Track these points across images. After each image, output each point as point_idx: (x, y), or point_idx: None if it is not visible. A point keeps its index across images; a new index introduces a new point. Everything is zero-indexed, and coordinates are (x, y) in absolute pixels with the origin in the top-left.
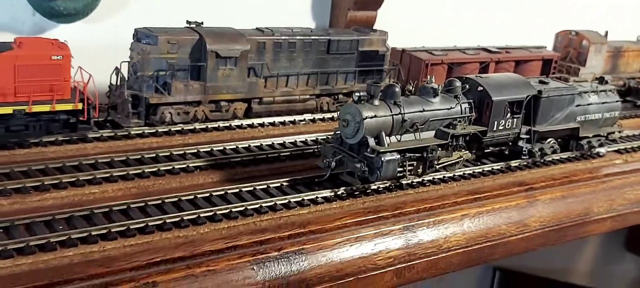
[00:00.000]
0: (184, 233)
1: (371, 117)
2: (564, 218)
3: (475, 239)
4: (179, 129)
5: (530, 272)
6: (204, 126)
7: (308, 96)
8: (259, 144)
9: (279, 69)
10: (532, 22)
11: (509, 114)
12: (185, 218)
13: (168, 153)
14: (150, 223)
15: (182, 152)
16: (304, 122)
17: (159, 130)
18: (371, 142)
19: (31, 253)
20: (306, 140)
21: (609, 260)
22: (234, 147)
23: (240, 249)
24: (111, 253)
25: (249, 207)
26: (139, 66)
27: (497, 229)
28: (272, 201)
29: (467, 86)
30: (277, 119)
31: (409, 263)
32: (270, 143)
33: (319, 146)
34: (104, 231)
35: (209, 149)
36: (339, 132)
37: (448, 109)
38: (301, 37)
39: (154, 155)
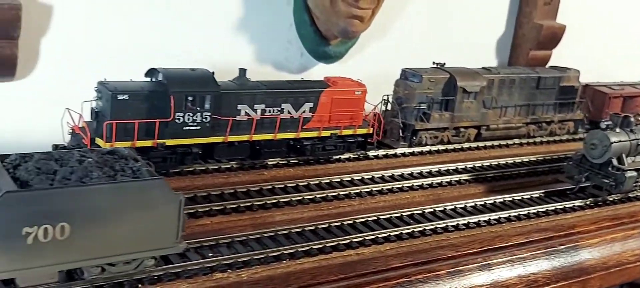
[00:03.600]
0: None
1: (616, 142)
2: None
3: None
4: (429, 149)
5: None
6: (444, 147)
7: (521, 124)
8: (490, 163)
9: (501, 101)
10: None
11: None
12: (480, 220)
13: (428, 170)
14: (439, 227)
15: (438, 169)
16: (514, 146)
17: (415, 150)
18: (615, 161)
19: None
20: (521, 160)
21: None
22: (478, 165)
23: (535, 243)
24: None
25: (521, 213)
26: (404, 99)
27: None
28: (540, 208)
29: None
30: (495, 143)
31: None
32: (504, 162)
33: (567, 164)
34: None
35: (464, 166)
36: (580, 153)
37: None
38: (519, 75)
39: (419, 170)
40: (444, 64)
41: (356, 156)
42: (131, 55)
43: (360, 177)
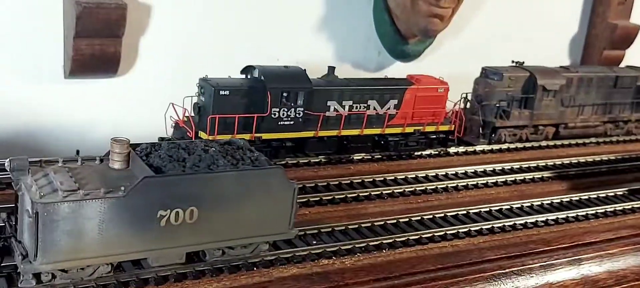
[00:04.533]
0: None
1: None
2: None
3: None
4: (508, 147)
5: None
6: (523, 145)
7: (598, 123)
8: (570, 161)
9: (579, 100)
10: None
11: None
12: (568, 216)
13: (510, 167)
14: (529, 222)
15: (518, 165)
16: (591, 144)
17: (494, 148)
18: None
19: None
20: (601, 159)
21: None
22: (559, 163)
23: (623, 240)
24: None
25: (608, 210)
26: (484, 97)
27: None
28: (626, 205)
29: None
30: (572, 141)
31: None
32: (583, 160)
33: None
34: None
35: (544, 164)
36: None
37: None
38: (597, 74)
39: (500, 167)
40: (523, 62)
41: (437, 152)
42: (225, 54)
43: (444, 173)
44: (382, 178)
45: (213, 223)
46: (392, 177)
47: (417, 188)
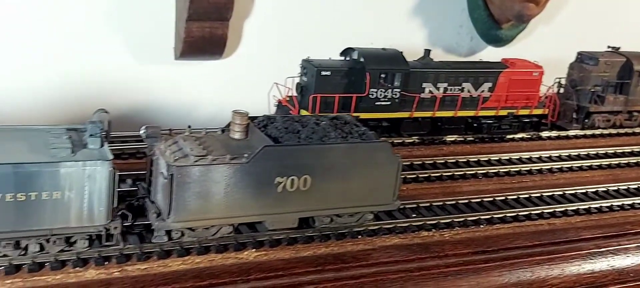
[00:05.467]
0: None
1: None
2: None
3: None
4: (601, 132)
5: None
6: (616, 131)
7: None
8: None
9: None
10: None
11: None
12: None
13: (604, 152)
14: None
15: (613, 151)
16: None
17: (588, 133)
18: None
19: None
20: None
21: None
22: None
23: None
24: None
25: None
26: (579, 81)
27: None
28: None
29: None
30: None
31: None
32: None
33: None
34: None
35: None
36: None
37: None
38: None
39: (595, 152)
40: (619, 47)
41: (529, 136)
42: (323, 36)
43: (538, 156)
44: (475, 159)
45: (324, 192)
46: (486, 158)
47: (511, 169)
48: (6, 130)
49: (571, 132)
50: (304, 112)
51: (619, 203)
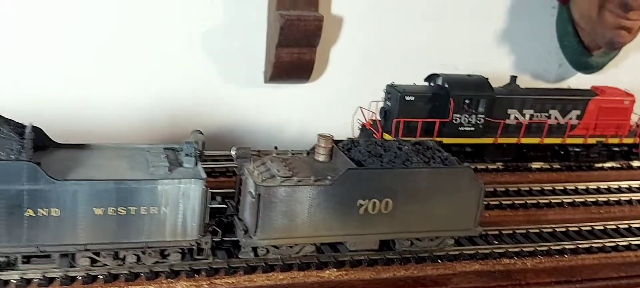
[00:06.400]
0: None
1: None
2: None
3: None
4: None
5: None
6: None
7: None
8: None
9: None
10: None
11: None
12: None
13: None
14: None
15: None
16: None
17: None
18: None
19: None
20: None
21: None
22: None
23: None
24: None
25: None
26: None
27: None
28: None
29: None
30: None
31: None
32: None
33: None
34: None
35: None
36: None
37: None
38: None
39: None
40: None
41: (619, 166)
42: (406, 62)
43: (627, 185)
44: (562, 187)
45: (405, 215)
46: (573, 187)
47: (599, 199)
48: (110, 149)
49: None
50: (387, 136)
51: None
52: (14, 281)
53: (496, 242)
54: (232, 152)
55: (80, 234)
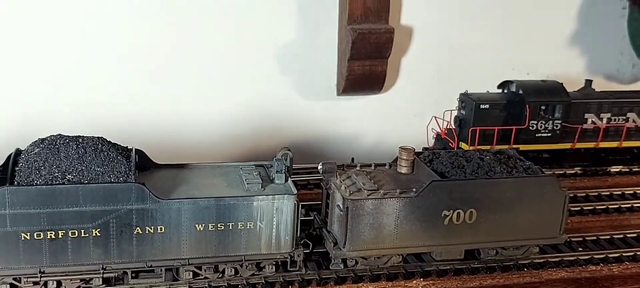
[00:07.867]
0: None
1: None
2: None
3: None
4: None
5: None
6: None
7: None
8: None
9: None
10: None
11: None
12: None
13: None
14: None
15: None
16: None
17: None
18: None
19: None
20: None
21: None
22: None
23: None
24: None
25: None
26: None
27: None
28: None
29: None
30: None
31: None
32: None
33: None
34: None
35: None
36: None
37: None
38: None
39: None
40: None
41: None
42: (477, 70)
43: None
44: None
45: (489, 225)
46: None
47: None
48: (206, 168)
49: None
50: (463, 145)
51: None
52: None
53: (580, 249)
54: (319, 167)
55: (184, 249)
